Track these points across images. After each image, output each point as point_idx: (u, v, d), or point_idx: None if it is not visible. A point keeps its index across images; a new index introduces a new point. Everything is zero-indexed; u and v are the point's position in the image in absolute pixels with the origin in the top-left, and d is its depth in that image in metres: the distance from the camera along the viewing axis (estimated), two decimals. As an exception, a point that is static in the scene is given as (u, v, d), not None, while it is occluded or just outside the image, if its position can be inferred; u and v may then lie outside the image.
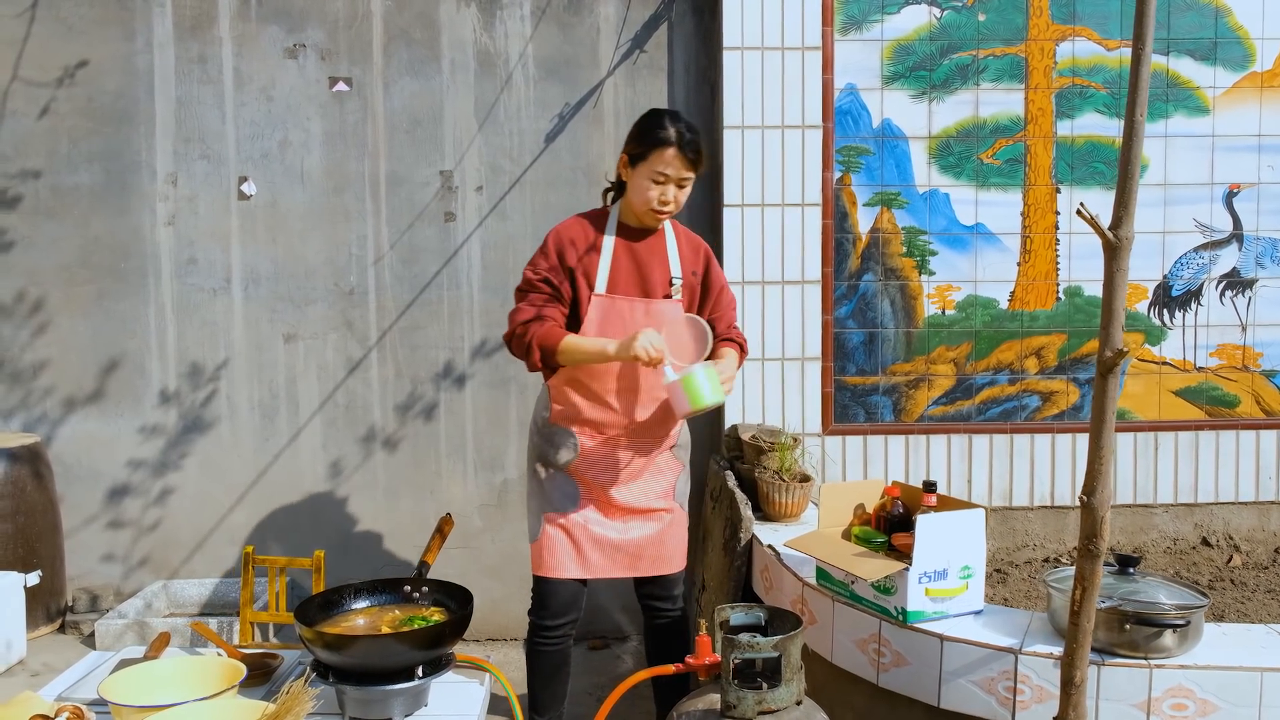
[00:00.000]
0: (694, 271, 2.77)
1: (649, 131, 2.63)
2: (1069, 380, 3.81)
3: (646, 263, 2.72)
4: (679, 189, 2.65)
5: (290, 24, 3.83)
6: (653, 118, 2.66)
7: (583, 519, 2.73)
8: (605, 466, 2.74)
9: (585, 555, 2.74)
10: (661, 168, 2.60)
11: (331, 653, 2.07)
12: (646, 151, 2.61)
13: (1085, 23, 3.72)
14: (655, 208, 2.63)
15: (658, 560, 2.80)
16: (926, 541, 2.38)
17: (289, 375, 3.93)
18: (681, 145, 2.59)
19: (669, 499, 2.81)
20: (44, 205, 3.86)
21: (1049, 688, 2.24)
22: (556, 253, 2.68)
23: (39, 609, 3.64)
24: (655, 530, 2.79)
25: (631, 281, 2.70)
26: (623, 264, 2.70)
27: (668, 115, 2.65)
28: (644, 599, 2.89)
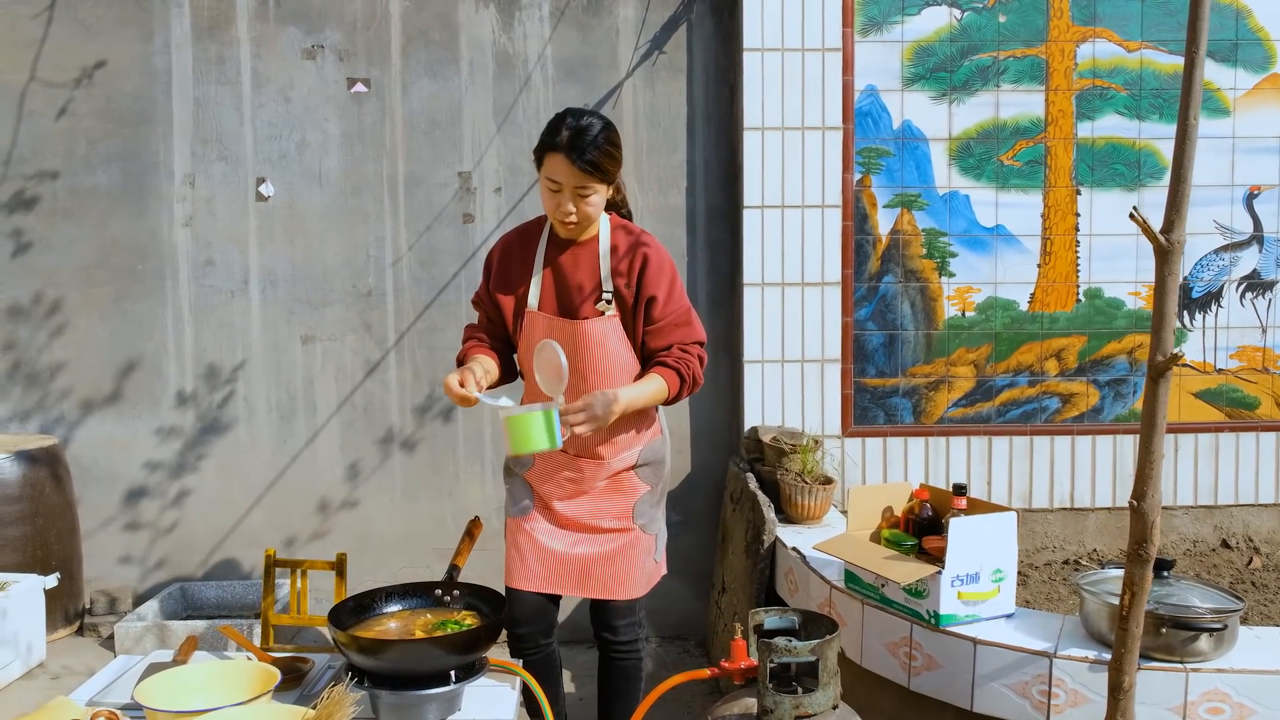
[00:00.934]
0: (627, 284, 2.46)
1: (545, 134, 2.39)
2: (1089, 382, 3.80)
3: (572, 278, 2.48)
4: (579, 198, 2.36)
5: (308, 25, 3.82)
6: (555, 118, 2.41)
7: (531, 528, 2.58)
8: (551, 480, 2.58)
9: (529, 566, 2.57)
10: (551, 174, 2.36)
11: (366, 657, 2.06)
12: (540, 155, 2.39)
13: (1106, 24, 3.71)
14: (557, 218, 2.41)
15: (608, 582, 2.55)
16: (959, 545, 2.37)
17: (307, 377, 3.92)
18: (570, 151, 2.31)
19: (625, 519, 2.58)
20: (61, 206, 3.84)
21: (1084, 691, 2.23)
22: (485, 273, 2.62)
23: (57, 611, 3.63)
24: (606, 550, 2.55)
25: (556, 297, 2.50)
26: (549, 278, 2.50)
27: (570, 116, 2.38)
28: (595, 626, 2.67)
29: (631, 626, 2.64)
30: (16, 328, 3.86)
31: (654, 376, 2.48)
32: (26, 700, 3.13)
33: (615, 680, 2.67)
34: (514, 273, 2.54)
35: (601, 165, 2.35)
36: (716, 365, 3.96)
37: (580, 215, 2.39)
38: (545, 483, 2.60)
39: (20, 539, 3.56)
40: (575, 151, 2.31)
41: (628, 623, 2.63)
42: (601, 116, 2.41)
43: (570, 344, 2.44)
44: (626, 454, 2.57)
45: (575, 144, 2.32)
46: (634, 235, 2.52)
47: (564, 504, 2.57)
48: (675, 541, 3.98)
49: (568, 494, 2.57)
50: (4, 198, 3.83)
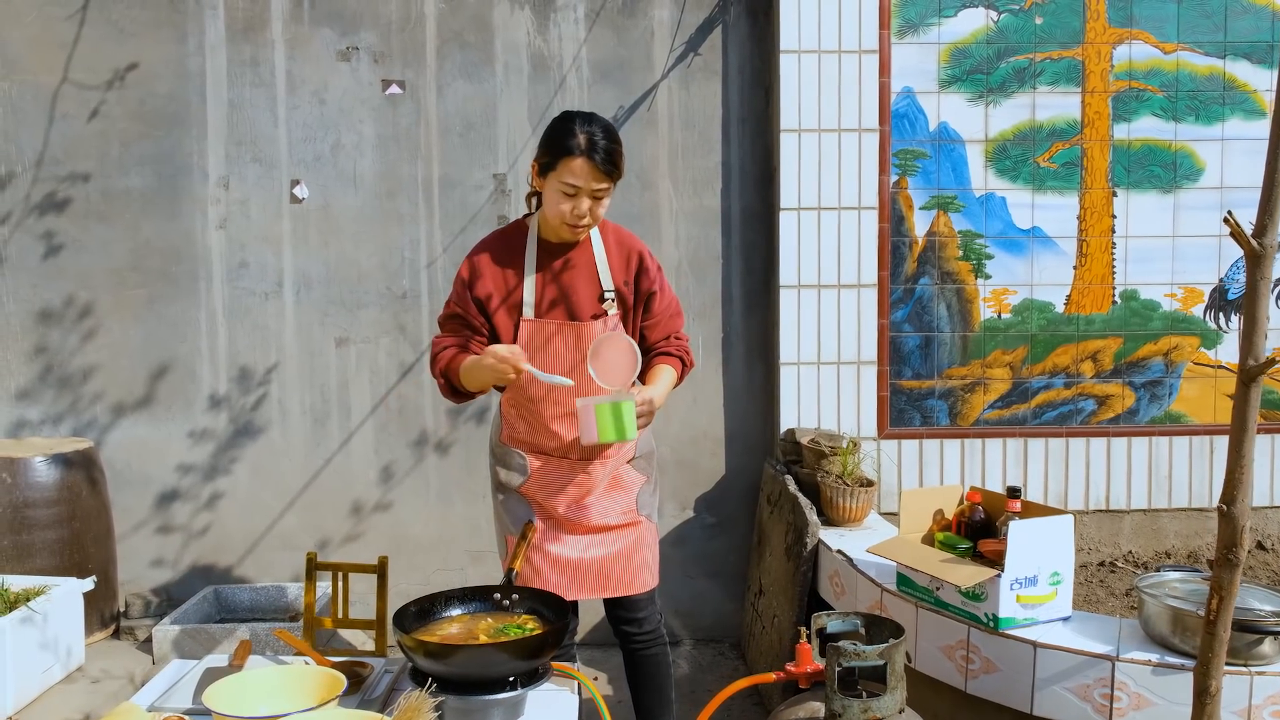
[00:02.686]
0: (626, 281, 2.51)
1: (556, 138, 2.36)
2: (1125, 384, 3.80)
3: (571, 281, 2.47)
4: (594, 201, 2.37)
5: (343, 27, 3.82)
6: (561, 122, 2.39)
7: (538, 541, 2.54)
8: (554, 488, 2.55)
9: (546, 578, 2.53)
10: (570, 179, 2.33)
11: (433, 661, 2.05)
12: (554, 160, 2.35)
13: (1142, 26, 3.71)
14: (569, 222, 2.38)
15: (627, 578, 2.56)
16: (1018, 548, 2.37)
17: (340, 379, 3.92)
18: (591, 153, 2.32)
19: (632, 514, 2.59)
20: (94, 209, 3.84)
21: (1147, 695, 2.23)
22: (467, 283, 2.48)
23: (93, 615, 3.62)
24: (621, 547, 2.56)
25: (557, 303, 2.47)
26: (546, 284, 2.46)
27: (578, 119, 2.37)
28: (613, 622, 2.67)
29: (653, 615, 2.67)
30: (49, 331, 3.85)
31: (666, 369, 2.56)
32: (69, 704, 3.13)
33: (647, 670, 2.68)
34: (503, 282, 2.47)
35: (619, 165, 2.39)
36: (751, 367, 3.96)
37: (594, 218, 2.40)
38: (549, 493, 2.56)
39: (57, 542, 3.55)
40: (596, 153, 2.32)
41: (649, 613, 2.66)
42: (602, 118, 2.41)
43: (579, 345, 2.45)
44: (628, 447, 2.59)
45: (594, 146, 2.32)
46: (616, 233, 2.55)
47: (569, 510, 2.55)
48: (709, 544, 3.99)
49: (572, 499, 2.55)
50: (36, 199, 3.82)
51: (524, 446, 2.58)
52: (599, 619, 3.96)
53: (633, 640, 2.66)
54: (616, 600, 2.62)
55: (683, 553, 3.99)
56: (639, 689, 2.71)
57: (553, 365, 2.45)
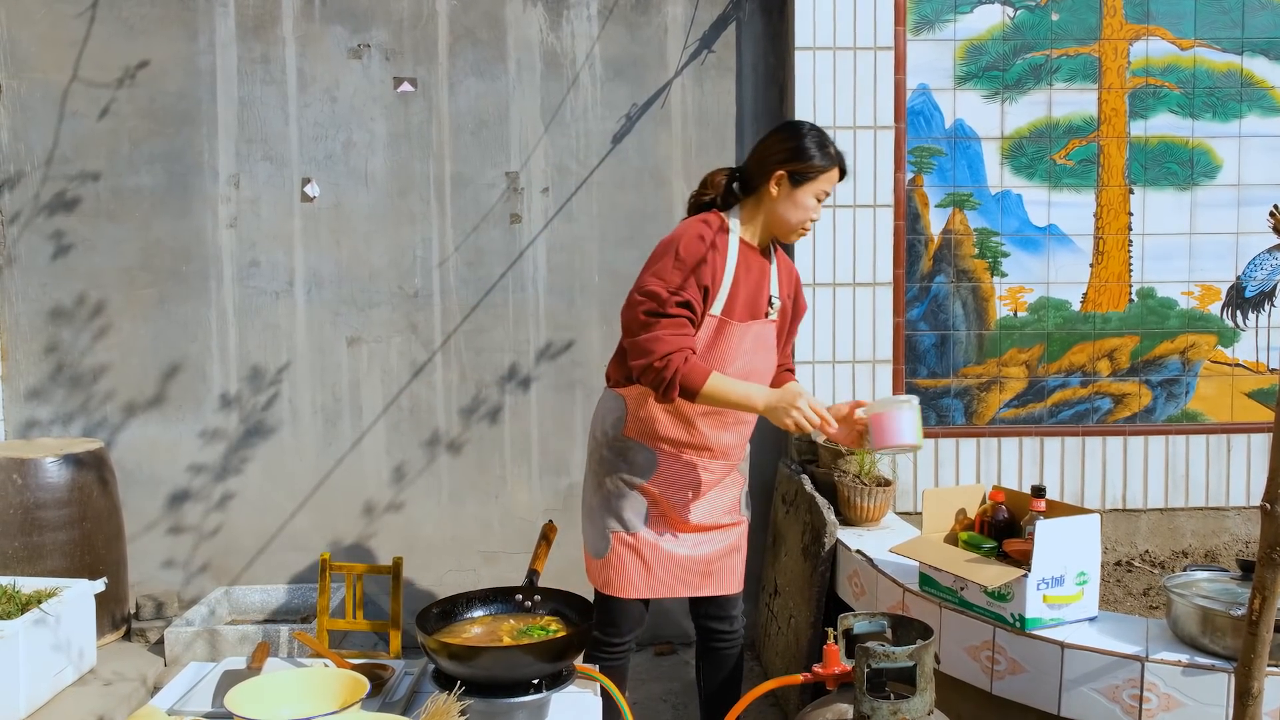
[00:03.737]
0: (789, 294, 2.64)
1: (805, 150, 2.44)
2: (1141, 382, 3.78)
3: (756, 283, 2.54)
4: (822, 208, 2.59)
5: (355, 24, 3.79)
6: (813, 136, 2.46)
7: (653, 538, 2.54)
8: (681, 486, 2.55)
9: (655, 575, 2.55)
10: (826, 188, 2.48)
11: (457, 663, 2.03)
12: (816, 172, 2.44)
13: (1159, 22, 3.69)
14: (803, 229, 2.52)
15: (727, 577, 2.63)
16: (1045, 547, 2.34)
17: (352, 379, 3.89)
18: (843, 164, 2.52)
19: (736, 513, 2.66)
20: (104, 207, 3.81)
21: (1177, 696, 2.21)
22: (694, 268, 2.40)
23: (104, 616, 3.59)
24: (725, 545, 2.62)
25: (745, 303, 2.51)
26: (740, 284, 2.49)
27: (812, 131, 2.49)
28: (700, 619, 2.70)
29: (741, 615, 2.74)
30: (59, 330, 3.82)
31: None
32: (82, 706, 3.10)
33: (727, 669, 2.72)
34: (709, 277, 2.45)
35: None
36: (765, 366, 3.93)
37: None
38: (670, 488, 2.54)
39: (68, 543, 3.52)
40: (842, 163, 2.50)
41: (739, 612, 2.73)
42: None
43: (752, 348, 2.52)
44: (745, 449, 2.68)
45: (841, 156, 2.51)
46: (781, 253, 2.66)
47: (685, 508, 2.56)
48: (723, 544, 3.96)
49: (690, 497, 2.57)
50: (46, 198, 3.80)
51: (652, 440, 2.53)
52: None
53: (719, 638, 2.71)
54: (708, 599, 2.67)
55: (696, 553, 3.96)
56: (714, 686, 2.74)
57: (726, 362, 2.47)
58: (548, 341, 3.89)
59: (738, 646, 2.71)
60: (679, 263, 2.39)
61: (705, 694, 2.75)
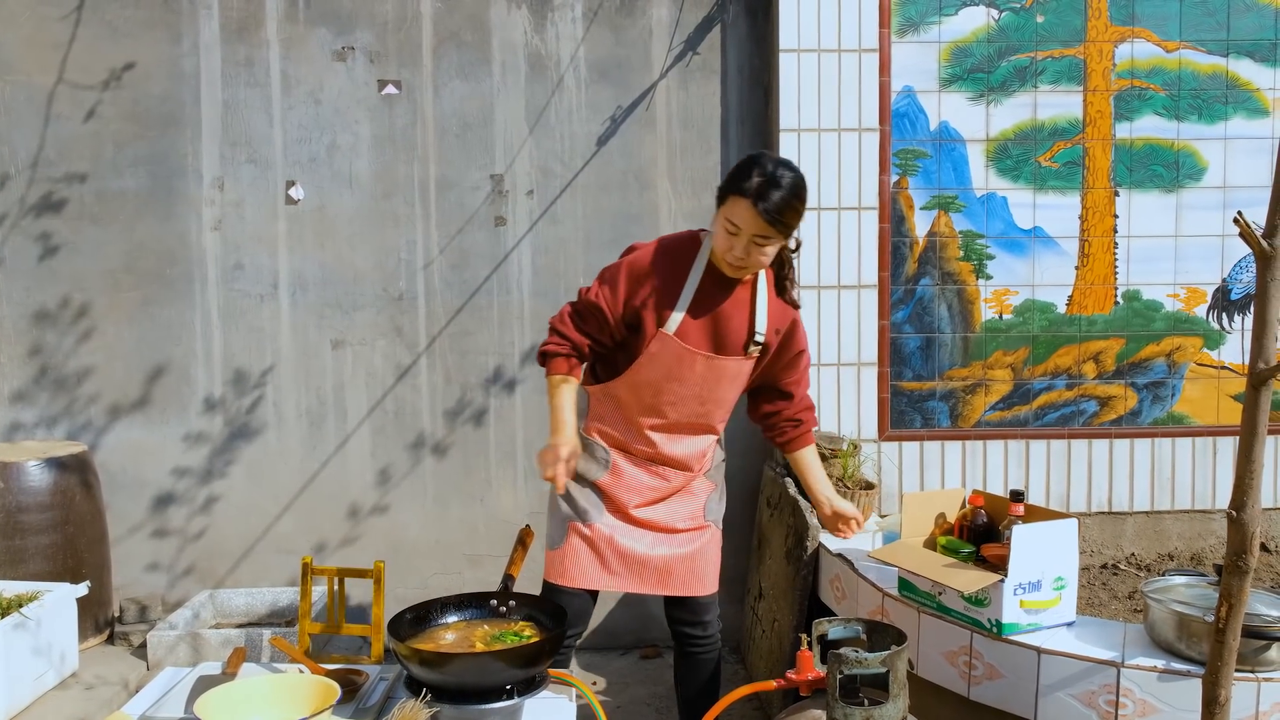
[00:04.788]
0: (777, 330, 2.53)
1: (734, 175, 2.34)
2: (1127, 385, 3.77)
3: (727, 313, 2.45)
4: (755, 247, 2.33)
5: (339, 26, 3.79)
6: (750, 160, 2.35)
7: (608, 529, 2.54)
8: (635, 488, 2.55)
9: (609, 567, 2.54)
10: (733, 218, 2.31)
11: (428, 670, 2.02)
12: (724, 195, 2.34)
13: (1144, 24, 3.68)
14: (728, 260, 2.37)
15: (690, 579, 2.58)
16: (1021, 552, 2.34)
17: (337, 382, 3.89)
18: (757, 199, 2.27)
19: (698, 519, 2.61)
20: (89, 210, 3.80)
21: (1153, 701, 2.20)
22: (627, 288, 2.44)
23: (87, 620, 3.59)
24: (686, 550, 2.58)
25: (704, 331, 2.45)
26: (701, 308, 2.43)
27: (768, 163, 2.32)
28: (674, 624, 2.68)
29: (715, 620, 2.70)
30: (44, 332, 3.82)
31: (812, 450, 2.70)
32: (62, 711, 3.09)
33: (702, 674, 2.69)
34: (659, 292, 2.43)
35: (785, 220, 2.31)
36: (750, 369, 3.93)
37: (752, 263, 2.36)
38: (625, 490, 2.55)
39: (50, 547, 3.52)
40: (762, 201, 2.27)
41: (712, 617, 2.69)
42: (793, 168, 2.35)
43: (704, 376, 2.47)
44: (706, 460, 2.65)
45: (763, 193, 2.27)
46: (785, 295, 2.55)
47: (641, 510, 2.56)
48: (709, 547, 3.95)
49: (646, 500, 2.56)
50: (31, 201, 3.79)
51: (607, 439, 2.57)
52: (596, 623, 3.94)
53: (693, 643, 2.68)
54: (679, 603, 2.64)
55: (682, 556, 3.95)
56: (690, 691, 2.72)
57: (673, 384, 2.46)
58: (533, 344, 3.88)
59: (714, 651, 2.69)
60: (612, 281, 2.46)
61: (683, 698, 2.74)
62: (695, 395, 2.48)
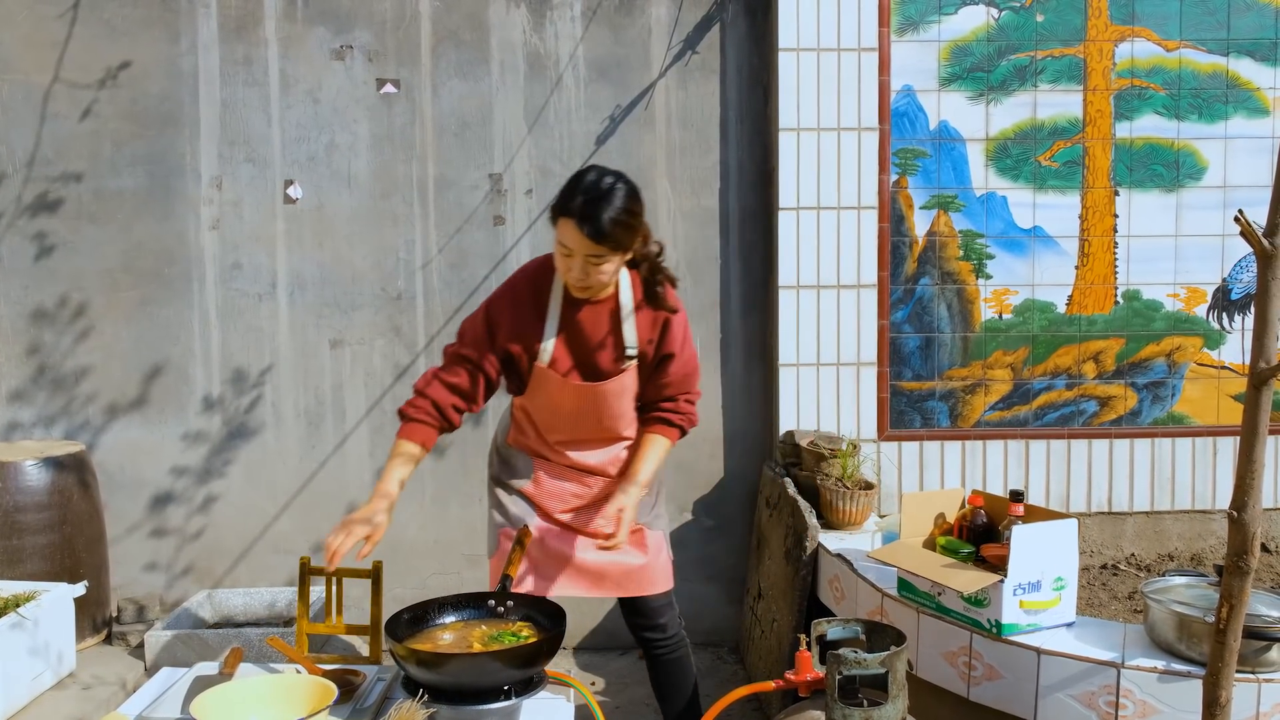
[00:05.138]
0: (650, 340, 2.44)
1: (562, 194, 2.24)
2: (1127, 385, 3.76)
3: (595, 334, 2.40)
4: (591, 265, 2.23)
5: (337, 25, 3.78)
6: (574, 178, 2.26)
7: (537, 533, 2.54)
8: (558, 495, 2.56)
9: (541, 571, 2.54)
10: (564, 240, 2.23)
11: (426, 670, 2.02)
12: (553, 217, 2.26)
13: (1145, 23, 3.67)
14: (569, 282, 2.30)
15: (625, 581, 2.54)
16: (1021, 553, 2.33)
17: (335, 381, 3.88)
18: (582, 220, 2.18)
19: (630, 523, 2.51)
20: (86, 209, 3.79)
21: (1153, 702, 2.20)
22: (491, 331, 2.40)
23: (85, 620, 3.58)
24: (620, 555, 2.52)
25: (577, 356, 2.42)
26: (568, 334, 2.40)
27: (586, 177, 2.23)
28: (633, 629, 2.66)
29: (674, 620, 2.66)
30: (41, 331, 3.81)
31: (659, 440, 2.52)
32: (59, 711, 3.08)
33: (671, 674, 2.66)
34: (525, 325, 2.41)
35: (615, 236, 2.20)
36: (749, 369, 3.92)
37: (592, 283, 2.29)
38: (549, 498, 2.57)
39: (48, 547, 3.51)
40: (587, 221, 2.18)
41: (669, 618, 2.65)
42: (624, 180, 2.25)
43: (588, 401, 2.44)
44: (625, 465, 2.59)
45: (588, 212, 2.18)
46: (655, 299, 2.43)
47: (569, 516, 2.57)
48: (707, 547, 3.95)
49: (571, 506, 2.57)
50: (28, 200, 3.78)
51: (529, 452, 2.60)
52: (595, 623, 3.93)
53: (654, 645, 2.65)
54: (634, 607, 2.61)
55: (681, 556, 3.93)
56: (664, 691, 2.71)
57: (564, 408, 2.47)
58: (531, 344, 3.87)
59: (677, 651, 2.65)
60: (474, 322, 2.42)
61: (659, 698, 2.73)
62: (588, 414, 2.47)
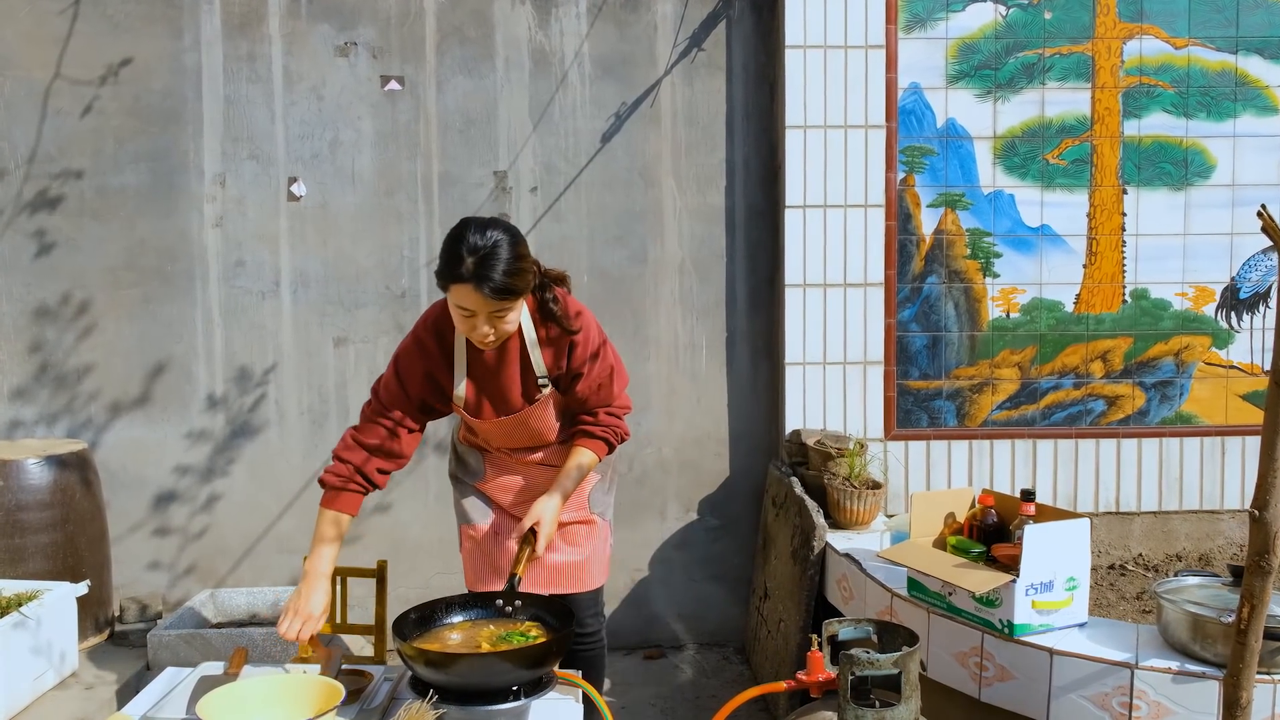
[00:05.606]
0: (559, 364, 2.42)
1: (447, 260, 2.16)
2: (1135, 384, 3.74)
3: (503, 371, 2.39)
4: (496, 319, 2.20)
5: (341, 21, 3.76)
6: (454, 242, 2.16)
7: (492, 529, 2.55)
8: (507, 488, 2.57)
9: (497, 566, 2.54)
10: (464, 304, 2.17)
11: (434, 671, 2.00)
12: (445, 283, 2.19)
13: (1153, 21, 3.65)
14: (475, 339, 2.25)
15: (576, 577, 2.55)
16: (1034, 552, 2.31)
17: (339, 379, 3.85)
18: (478, 282, 2.12)
19: (583, 510, 2.57)
20: (89, 206, 3.77)
21: (1167, 704, 2.18)
22: (399, 384, 2.37)
23: (87, 619, 3.55)
24: (570, 545, 2.55)
25: (489, 394, 2.41)
26: (478, 374, 2.39)
27: (471, 237, 2.15)
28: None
29: (597, 616, 2.67)
30: (43, 329, 3.79)
31: (584, 453, 2.46)
32: (62, 711, 3.06)
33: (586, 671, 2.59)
34: (436, 374, 2.38)
35: (514, 287, 2.17)
36: (755, 368, 3.90)
37: (498, 334, 2.25)
38: (499, 491, 2.59)
39: (50, 545, 3.49)
40: (486, 282, 2.13)
41: (594, 613, 2.65)
42: (503, 227, 2.20)
43: (512, 425, 2.45)
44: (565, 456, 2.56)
45: (481, 273, 2.13)
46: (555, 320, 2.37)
47: (520, 508, 2.55)
48: (712, 547, 3.94)
49: (522, 499, 2.56)
50: (29, 197, 3.76)
51: (479, 448, 2.63)
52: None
53: (576, 641, 2.61)
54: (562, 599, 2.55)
55: (686, 556, 3.93)
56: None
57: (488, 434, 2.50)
58: (536, 342, 3.85)
59: (597, 649, 2.65)
60: (394, 378, 2.38)
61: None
62: (517, 433, 2.48)
